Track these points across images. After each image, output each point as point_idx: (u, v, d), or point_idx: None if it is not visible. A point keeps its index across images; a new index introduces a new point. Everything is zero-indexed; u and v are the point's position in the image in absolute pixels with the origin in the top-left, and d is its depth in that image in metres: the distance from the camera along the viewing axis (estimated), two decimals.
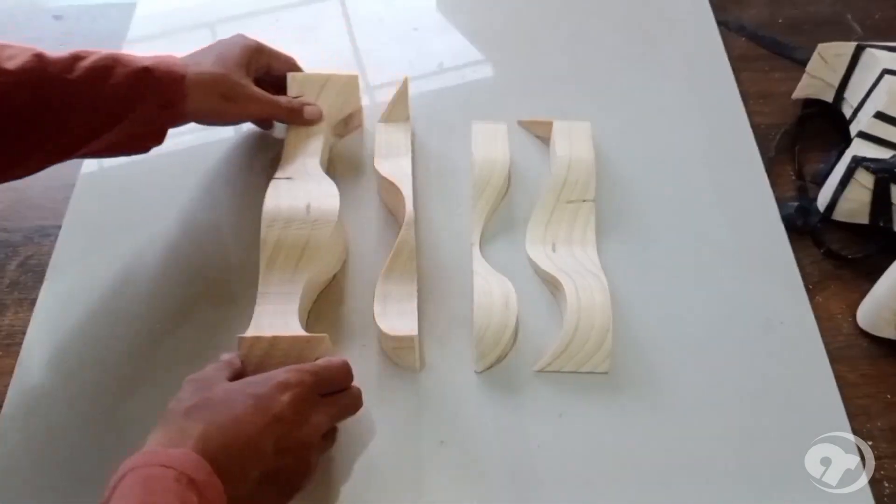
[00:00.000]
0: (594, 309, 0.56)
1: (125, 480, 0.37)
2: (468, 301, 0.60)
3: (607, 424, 0.55)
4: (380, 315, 0.56)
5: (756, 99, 0.76)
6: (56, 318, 0.61)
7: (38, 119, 0.52)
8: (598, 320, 0.56)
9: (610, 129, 0.72)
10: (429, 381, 0.57)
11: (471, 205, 0.66)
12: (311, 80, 0.69)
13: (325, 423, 0.47)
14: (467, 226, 0.65)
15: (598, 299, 0.57)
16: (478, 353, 0.56)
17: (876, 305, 0.59)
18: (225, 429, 0.42)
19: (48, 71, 0.52)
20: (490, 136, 0.69)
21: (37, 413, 0.55)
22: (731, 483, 0.52)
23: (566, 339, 0.56)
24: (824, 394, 0.56)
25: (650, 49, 0.80)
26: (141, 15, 0.84)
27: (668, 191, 0.68)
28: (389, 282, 0.59)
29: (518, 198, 0.67)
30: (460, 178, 0.69)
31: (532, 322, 0.60)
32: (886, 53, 0.68)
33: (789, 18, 0.84)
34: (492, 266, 0.61)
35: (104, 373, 0.57)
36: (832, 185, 0.65)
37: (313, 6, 0.85)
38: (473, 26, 0.83)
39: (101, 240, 0.65)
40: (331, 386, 0.49)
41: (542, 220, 0.64)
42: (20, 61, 0.51)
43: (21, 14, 0.86)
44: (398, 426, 0.55)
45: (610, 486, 0.52)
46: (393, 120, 0.71)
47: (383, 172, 0.65)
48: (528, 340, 0.59)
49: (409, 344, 0.55)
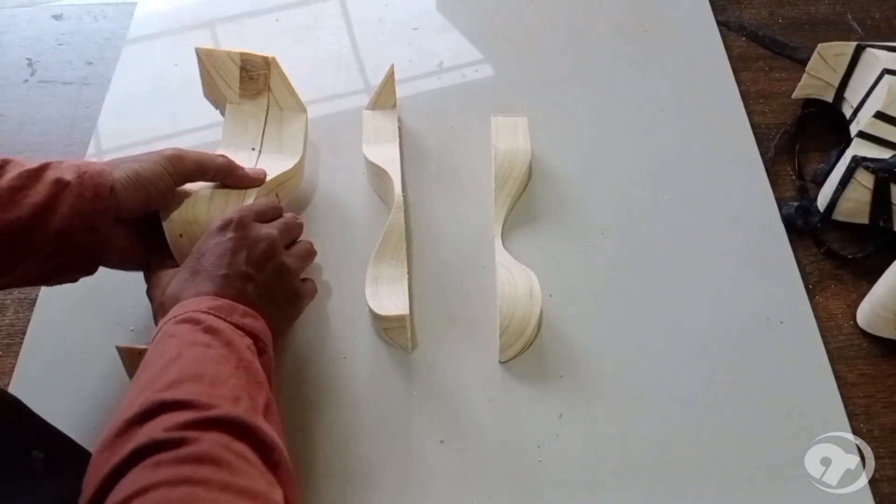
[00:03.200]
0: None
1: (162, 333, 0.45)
2: (469, 301, 0.60)
3: (607, 424, 0.55)
4: (371, 297, 0.57)
5: (756, 99, 0.76)
6: (56, 318, 0.61)
7: None
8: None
9: (610, 128, 0.73)
10: (429, 381, 0.57)
11: (475, 200, 0.67)
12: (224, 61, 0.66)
13: (279, 237, 0.53)
14: (471, 219, 0.66)
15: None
16: (502, 342, 0.57)
17: (876, 305, 0.59)
18: (208, 269, 0.49)
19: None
20: (510, 129, 0.70)
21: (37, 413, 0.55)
22: (731, 483, 0.52)
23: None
24: (824, 394, 0.56)
25: (650, 49, 0.80)
26: (141, 15, 0.85)
27: (668, 191, 0.68)
28: (381, 265, 0.60)
29: (539, 190, 0.68)
30: (462, 174, 0.69)
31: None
32: (886, 53, 0.68)
33: (789, 18, 0.84)
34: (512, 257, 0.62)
35: (104, 373, 0.57)
36: (832, 185, 0.65)
37: (313, 6, 0.85)
38: (473, 26, 0.83)
39: None
40: (264, 216, 0.55)
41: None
42: None
43: (21, 14, 0.86)
44: (398, 425, 0.55)
45: (610, 486, 0.52)
46: (380, 107, 0.71)
47: (371, 158, 0.65)
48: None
49: (400, 323, 0.56)
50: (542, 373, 0.57)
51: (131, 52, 0.81)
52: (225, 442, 0.37)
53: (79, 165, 0.49)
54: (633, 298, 0.61)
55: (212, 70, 0.65)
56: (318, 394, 0.57)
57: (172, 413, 0.38)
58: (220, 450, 0.37)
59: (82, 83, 0.79)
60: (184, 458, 0.35)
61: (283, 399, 0.56)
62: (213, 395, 0.40)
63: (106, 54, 0.81)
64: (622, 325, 0.60)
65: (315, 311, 0.60)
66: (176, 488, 0.34)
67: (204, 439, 0.37)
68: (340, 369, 0.58)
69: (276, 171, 0.61)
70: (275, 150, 0.64)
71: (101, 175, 0.49)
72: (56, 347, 0.59)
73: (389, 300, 0.57)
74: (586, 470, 0.53)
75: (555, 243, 0.65)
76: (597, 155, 0.71)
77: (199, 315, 0.45)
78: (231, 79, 0.66)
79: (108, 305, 0.61)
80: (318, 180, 0.69)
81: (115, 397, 0.56)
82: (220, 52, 0.65)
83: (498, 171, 0.66)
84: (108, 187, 0.49)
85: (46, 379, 0.57)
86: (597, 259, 0.64)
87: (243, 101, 0.66)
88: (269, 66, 0.66)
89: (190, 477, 0.35)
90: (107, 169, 0.50)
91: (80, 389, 0.57)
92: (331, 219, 0.67)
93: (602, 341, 0.59)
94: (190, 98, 0.73)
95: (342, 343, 0.59)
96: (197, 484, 0.34)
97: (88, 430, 0.54)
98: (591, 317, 0.60)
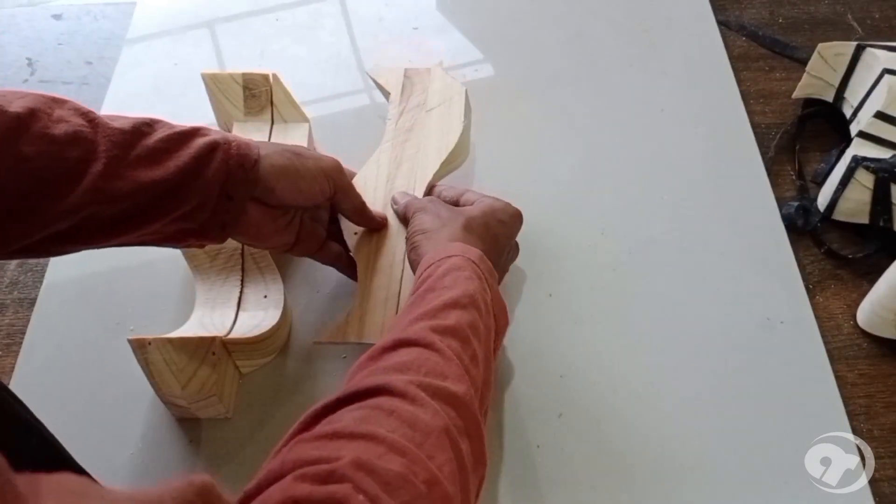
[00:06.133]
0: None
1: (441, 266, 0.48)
2: None
3: (607, 424, 0.55)
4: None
5: (756, 99, 0.76)
6: (56, 318, 0.61)
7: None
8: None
9: (610, 128, 0.73)
10: None
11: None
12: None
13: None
14: None
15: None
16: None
17: (876, 305, 0.59)
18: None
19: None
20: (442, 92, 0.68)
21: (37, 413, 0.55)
22: (731, 483, 0.52)
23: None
24: (824, 394, 0.56)
25: (650, 49, 0.80)
26: (141, 15, 0.85)
27: (669, 191, 0.68)
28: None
29: (539, 190, 0.67)
30: (462, 173, 0.69)
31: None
32: (886, 53, 0.68)
33: (789, 18, 0.84)
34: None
35: (104, 373, 0.57)
36: (832, 185, 0.65)
37: (313, 6, 0.85)
38: (473, 26, 0.83)
39: None
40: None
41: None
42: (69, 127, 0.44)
43: (21, 14, 0.86)
44: None
45: (610, 485, 0.52)
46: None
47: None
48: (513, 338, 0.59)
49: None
50: (542, 373, 0.57)
51: (131, 52, 0.81)
52: (449, 418, 0.38)
53: (226, 135, 0.49)
54: (632, 298, 0.61)
55: (217, 93, 0.67)
56: (318, 394, 0.56)
57: (420, 364, 0.40)
58: (442, 420, 0.37)
59: (82, 83, 0.79)
60: (407, 413, 0.37)
61: (283, 400, 0.56)
62: (463, 356, 0.42)
63: (105, 54, 0.81)
64: (622, 325, 0.60)
65: (315, 311, 0.60)
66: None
67: (428, 408, 0.37)
68: (341, 369, 0.58)
69: None
70: None
71: (248, 147, 0.49)
72: (56, 347, 0.59)
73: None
74: (586, 470, 0.53)
75: (555, 243, 0.65)
76: (597, 155, 0.71)
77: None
78: (236, 98, 0.67)
79: (108, 305, 0.61)
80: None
81: (115, 397, 0.56)
82: (224, 74, 0.67)
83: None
84: (253, 160, 0.49)
85: (46, 379, 0.57)
86: (597, 259, 0.64)
87: (248, 119, 0.67)
88: (270, 83, 0.67)
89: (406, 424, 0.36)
90: (255, 144, 0.50)
91: (80, 389, 0.57)
92: None
93: (602, 341, 0.59)
94: (190, 98, 0.73)
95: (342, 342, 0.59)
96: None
97: (87, 430, 0.54)
98: (591, 317, 0.60)
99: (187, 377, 0.51)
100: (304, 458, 0.33)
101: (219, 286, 0.59)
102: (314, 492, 0.31)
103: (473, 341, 0.44)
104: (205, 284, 0.59)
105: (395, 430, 0.35)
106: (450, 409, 0.38)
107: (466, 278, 0.47)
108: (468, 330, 0.44)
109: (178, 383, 0.51)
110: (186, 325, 0.56)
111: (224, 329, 0.55)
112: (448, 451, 0.36)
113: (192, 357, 0.51)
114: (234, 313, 0.57)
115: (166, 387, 0.51)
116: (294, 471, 0.32)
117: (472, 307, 0.45)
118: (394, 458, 0.34)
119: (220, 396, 0.53)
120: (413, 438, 0.35)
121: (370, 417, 0.36)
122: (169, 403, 0.54)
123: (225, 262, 0.60)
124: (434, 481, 0.34)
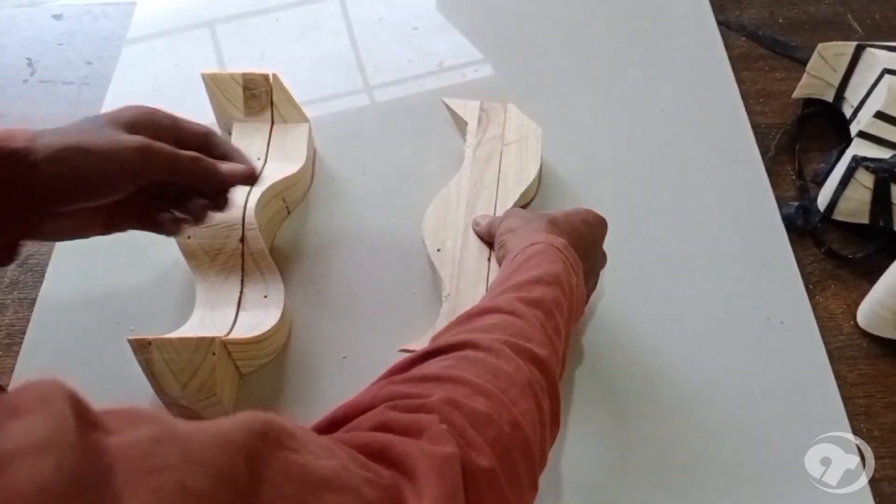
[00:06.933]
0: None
1: (526, 251, 0.49)
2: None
3: (608, 424, 0.55)
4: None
5: (756, 99, 0.76)
6: (56, 318, 0.61)
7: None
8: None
9: (610, 128, 0.72)
10: None
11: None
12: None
13: None
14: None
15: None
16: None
17: (876, 305, 0.59)
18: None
19: None
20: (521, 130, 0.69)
21: None
22: (731, 483, 0.52)
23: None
24: (824, 394, 0.56)
25: (650, 49, 0.80)
26: (141, 15, 0.84)
27: (669, 191, 0.68)
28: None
29: (539, 190, 0.67)
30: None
31: None
32: (887, 53, 0.68)
33: (789, 18, 0.84)
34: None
35: (104, 373, 0.57)
36: (832, 185, 0.65)
37: (313, 6, 0.85)
38: (473, 26, 0.83)
39: (101, 239, 0.65)
40: None
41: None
42: None
43: (21, 14, 0.86)
44: None
45: (610, 485, 0.52)
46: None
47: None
48: None
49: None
50: None
51: (131, 52, 0.81)
52: (532, 375, 0.40)
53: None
54: (633, 298, 0.61)
55: (217, 93, 0.67)
56: (318, 394, 0.57)
57: (505, 327, 0.42)
58: (525, 374, 0.39)
59: (82, 83, 0.79)
60: (492, 365, 0.38)
61: (283, 400, 0.56)
62: (546, 326, 0.43)
63: (105, 54, 0.81)
64: (622, 325, 0.60)
65: (315, 311, 0.60)
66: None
67: (512, 362, 0.39)
68: (341, 369, 0.58)
69: (282, 174, 0.62)
70: (280, 158, 0.65)
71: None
72: (56, 347, 0.59)
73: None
74: (587, 470, 0.53)
75: None
76: (597, 154, 0.71)
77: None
78: (236, 99, 0.67)
79: (108, 305, 0.61)
80: (318, 179, 0.69)
81: (115, 397, 0.56)
82: (224, 74, 0.67)
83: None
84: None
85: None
86: None
87: (248, 119, 0.67)
88: (270, 83, 0.67)
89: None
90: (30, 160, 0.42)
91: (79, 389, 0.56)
92: (330, 217, 0.67)
93: (602, 341, 0.59)
94: (189, 98, 0.72)
95: (342, 343, 0.59)
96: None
97: None
98: (592, 317, 0.60)
99: (187, 377, 0.51)
100: (396, 393, 0.36)
101: (219, 286, 0.59)
102: (402, 418, 0.33)
103: (557, 316, 0.45)
104: (205, 284, 0.59)
105: (480, 377, 0.37)
106: (533, 368, 0.40)
107: (551, 261, 0.48)
108: (552, 304, 0.45)
109: (178, 383, 0.51)
110: (186, 325, 0.56)
111: (224, 329, 0.55)
112: (531, 401, 0.38)
113: (192, 357, 0.51)
114: (234, 313, 0.57)
115: (166, 387, 0.51)
116: (385, 402, 0.35)
117: (556, 285, 0.46)
118: (480, 399, 0.36)
119: (221, 396, 0.53)
120: (497, 385, 0.37)
121: (457, 366, 0.38)
122: (169, 403, 0.54)
123: (225, 262, 0.60)
124: (517, 424, 0.36)
